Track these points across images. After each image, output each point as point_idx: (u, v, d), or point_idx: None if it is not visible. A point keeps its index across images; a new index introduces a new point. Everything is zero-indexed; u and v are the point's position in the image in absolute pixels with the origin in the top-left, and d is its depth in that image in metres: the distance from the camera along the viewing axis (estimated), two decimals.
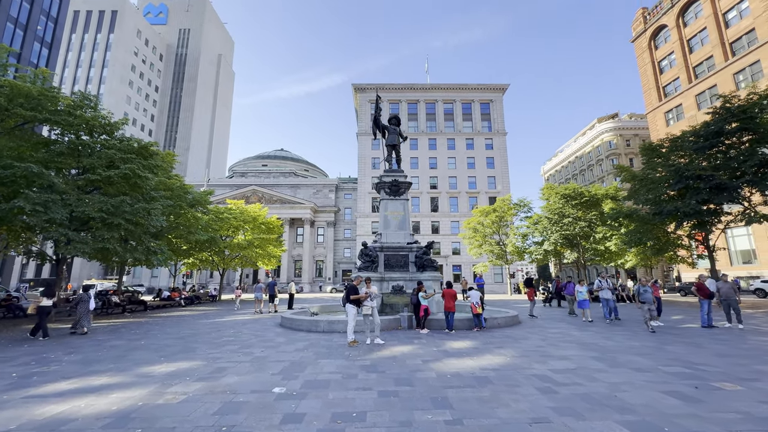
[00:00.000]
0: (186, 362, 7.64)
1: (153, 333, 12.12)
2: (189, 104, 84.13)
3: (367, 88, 65.88)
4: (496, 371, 6.60)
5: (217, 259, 32.59)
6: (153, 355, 8.38)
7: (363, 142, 64.24)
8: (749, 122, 17.64)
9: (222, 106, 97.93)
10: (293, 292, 21.61)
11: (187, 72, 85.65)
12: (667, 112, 44.37)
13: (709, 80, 38.99)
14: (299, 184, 66.27)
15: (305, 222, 62.42)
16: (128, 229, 15.66)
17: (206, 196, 26.88)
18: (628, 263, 29.45)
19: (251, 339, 10.55)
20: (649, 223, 23.39)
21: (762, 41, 33.96)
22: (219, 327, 13.46)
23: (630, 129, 65.79)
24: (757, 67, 34.43)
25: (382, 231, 16.86)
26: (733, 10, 37.27)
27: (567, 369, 6.70)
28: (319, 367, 7.02)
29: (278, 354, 8.36)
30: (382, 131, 18.78)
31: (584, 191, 32.25)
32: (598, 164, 68.73)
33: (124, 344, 9.97)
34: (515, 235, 36.43)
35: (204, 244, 28.89)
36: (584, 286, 13.99)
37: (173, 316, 18.31)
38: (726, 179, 17.86)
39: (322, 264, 64.69)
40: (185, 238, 25.22)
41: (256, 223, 33.71)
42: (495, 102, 66.67)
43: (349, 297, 9.70)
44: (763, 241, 33.01)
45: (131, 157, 16.39)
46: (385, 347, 9.07)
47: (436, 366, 7.05)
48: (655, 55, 46.62)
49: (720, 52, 38.03)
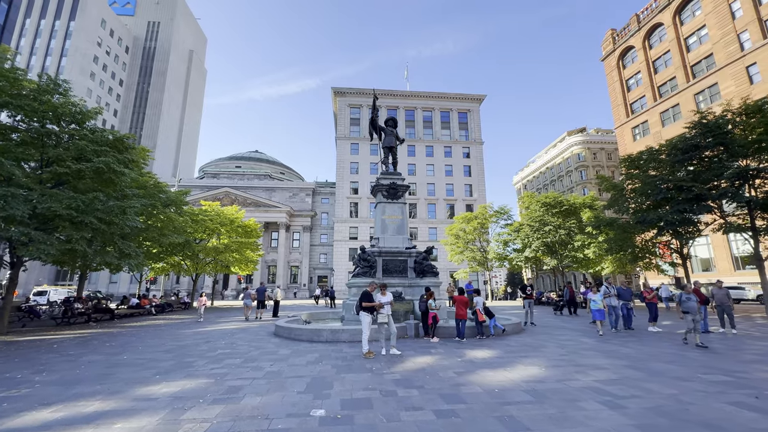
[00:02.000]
0: (188, 380, 6.65)
1: (132, 345, 10.78)
2: (157, 100, 79.73)
3: (347, 92, 65.39)
4: (542, 383, 6.18)
5: (189, 263, 30.54)
6: (144, 373, 7.29)
7: (342, 146, 63.48)
8: (724, 137, 18.72)
9: (192, 104, 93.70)
10: (279, 299, 20.45)
11: (155, 67, 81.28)
12: (634, 128, 47.01)
13: (672, 99, 41.71)
14: (275, 187, 64.25)
15: (280, 226, 60.48)
16: (100, 229, 14.06)
17: (182, 196, 25.10)
18: (605, 270, 30.52)
19: (252, 351, 9.57)
20: (628, 232, 24.37)
21: (719, 65, 36.76)
22: (207, 338, 12.25)
23: (597, 143, 69.32)
24: (715, 89, 37.21)
25: (380, 235, 16.26)
26: (693, 35, 40.23)
27: (611, 380, 6.40)
28: (347, 383, 6.31)
29: (291, 368, 7.53)
30: (378, 133, 18.25)
31: (563, 200, 33.26)
32: (568, 175, 71.75)
33: (103, 360, 8.70)
34: (497, 242, 36.90)
35: (177, 247, 27.03)
36: (598, 294, 12.30)
37: (147, 325, 16.66)
38: (705, 190, 18.81)
39: (297, 270, 62.80)
40: (158, 240, 23.34)
41: (233, 226, 32.02)
42: (472, 112, 68.15)
43: (362, 304, 9.02)
44: (720, 251, 35.36)
45: (105, 150, 14.84)
46: (404, 358, 8.45)
47: (473, 379, 6.54)
48: (623, 74, 49.43)
49: (682, 73, 40.84)
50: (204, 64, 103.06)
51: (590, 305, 12.39)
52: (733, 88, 35.11)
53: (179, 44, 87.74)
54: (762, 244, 19.71)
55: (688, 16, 40.96)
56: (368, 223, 60.12)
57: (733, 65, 35.44)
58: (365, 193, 61.56)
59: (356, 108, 65.61)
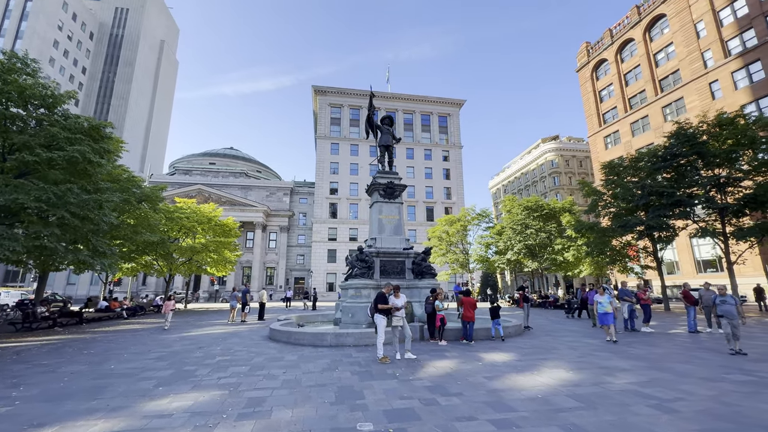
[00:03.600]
0: (198, 392, 5.97)
1: (114, 353, 9.76)
2: (123, 91, 75.22)
3: (327, 91, 64.44)
4: (579, 387, 6.01)
5: (162, 263, 28.74)
6: (142, 384, 6.50)
7: (322, 145, 62.42)
8: (700, 147, 19.79)
9: (162, 97, 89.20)
10: (264, 301, 19.51)
11: (122, 56, 76.69)
12: (606, 137, 49.24)
13: (641, 111, 44.03)
14: (251, 186, 62.20)
15: (257, 226, 58.56)
16: (72, 224, 12.77)
17: (158, 192, 23.60)
18: (583, 272, 31.56)
19: (255, 358, 8.87)
20: (607, 236, 25.30)
21: (685, 81, 39.18)
22: (197, 343, 11.34)
23: (569, 150, 72.19)
24: (681, 102, 39.61)
25: (377, 235, 15.84)
26: (662, 51, 42.69)
27: (643, 382, 6.33)
28: (378, 392, 5.86)
29: (308, 376, 6.97)
30: (374, 131, 17.85)
31: (544, 204, 34.17)
32: (542, 181, 74.20)
33: (88, 370, 7.75)
34: (479, 244, 37.35)
35: (150, 246, 25.36)
36: (605, 296, 11.14)
37: (123, 330, 15.32)
38: (684, 196, 19.79)
39: (274, 271, 61.02)
40: (130, 238, 21.75)
41: (211, 224, 30.48)
42: (452, 116, 69.08)
43: (378, 306, 8.59)
44: (684, 254, 37.56)
45: (80, 138, 13.55)
46: (422, 363, 8.09)
47: (507, 384, 6.28)
48: (596, 86, 51.71)
49: (651, 87, 43.21)
50: (175, 55, 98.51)
51: (596, 308, 11.39)
52: (697, 102, 37.49)
53: (149, 33, 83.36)
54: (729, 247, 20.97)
55: (657, 34, 43.46)
56: (348, 225, 59.44)
57: (697, 81, 37.85)
58: (345, 193, 60.86)
59: (337, 108, 64.77)
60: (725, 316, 8.92)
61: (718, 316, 9.14)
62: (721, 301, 9.12)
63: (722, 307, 9.02)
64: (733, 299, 9.06)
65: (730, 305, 8.91)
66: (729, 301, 9.00)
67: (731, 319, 8.77)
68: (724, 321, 8.95)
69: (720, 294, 9.30)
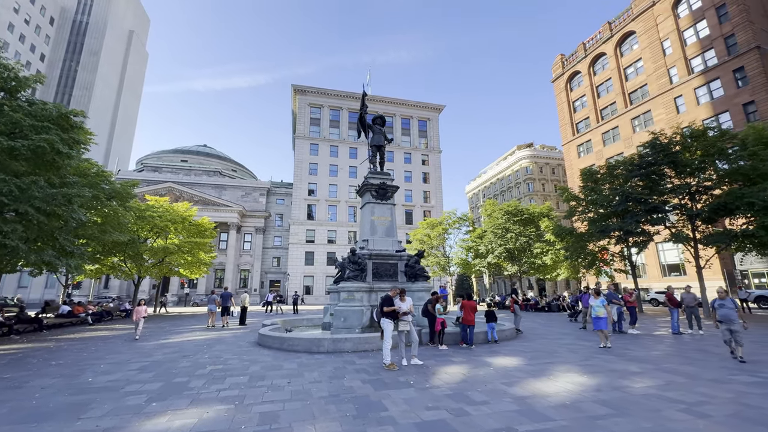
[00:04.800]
0: (200, 408, 5.37)
1: (88, 364, 8.80)
2: (87, 81, 70.70)
3: (307, 91, 63.35)
4: (601, 392, 5.90)
5: (131, 265, 26.95)
6: (131, 400, 5.79)
7: (301, 146, 61.19)
8: (675, 156, 20.83)
9: (130, 89, 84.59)
10: (246, 305, 18.58)
11: (87, 44, 72.10)
12: (579, 146, 51.25)
13: (612, 122, 46.17)
14: (225, 185, 59.99)
15: (231, 227, 56.46)
16: (38, 221, 11.55)
17: (129, 189, 22.08)
18: (561, 276, 32.49)
19: (251, 366, 8.24)
20: (585, 240, 26.17)
21: (652, 95, 41.47)
22: (180, 351, 10.48)
23: (543, 158, 74.72)
24: (649, 115, 41.87)
25: (369, 237, 15.44)
26: (631, 66, 45.03)
27: (661, 385, 6.32)
28: (399, 403, 5.50)
29: (316, 386, 6.49)
30: (366, 131, 17.50)
31: (524, 209, 34.97)
32: (516, 186, 76.30)
33: (62, 384, 6.88)
34: (461, 248, 37.68)
35: (119, 246, 23.70)
36: (600, 299, 10.48)
37: (90, 338, 14.04)
38: (660, 203, 20.74)
39: (248, 273, 58.96)
40: (97, 238, 20.17)
41: (185, 224, 28.93)
42: (432, 120, 69.73)
43: (384, 310, 8.23)
44: (651, 259, 39.52)
45: (47, 126, 12.33)
46: (431, 369, 7.80)
47: (527, 390, 6.08)
48: (570, 96, 53.81)
49: (621, 100, 45.44)
50: (145, 47, 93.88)
51: (590, 312, 10.88)
52: (663, 115, 39.76)
53: (117, 22, 78.97)
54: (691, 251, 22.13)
55: (627, 49, 45.83)
56: (326, 227, 58.51)
57: (663, 95, 40.16)
58: (324, 195, 59.91)
59: (317, 108, 63.77)
60: (724, 321, 8.34)
61: (719, 321, 8.51)
62: (720, 305, 8.51)
63: (721, 311, 8.41)
64: (732, 302, 8.46)
65: (729, 309, 8.32)
66: (728, 305, 8.39)
67: (730, 324, 8.21)
68: (723, 327, 8.36)
69: (719, 297, 8.63)
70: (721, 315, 8.40)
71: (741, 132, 21.44)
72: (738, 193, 17.94)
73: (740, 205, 17.89)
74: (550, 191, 72.27)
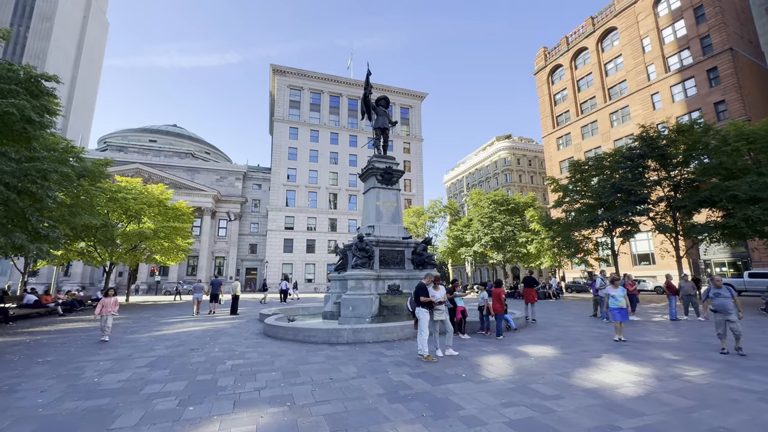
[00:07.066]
0: (248, 411, 4.69)
1: (83, 360, 7.75)
2: (39, 50, 64.09)
3: (287, 72, 60.71)
4: (664, 382, 5.76)
5: (102, 250, 24.87)
6: (160, 404, 5.00)
7: (280, 129, 58.83)
8: (663, 150, 21.52)
9: (89, 62, 77.62)
10: (238, 294, 17.55)
11: (38, 7, 65.06)
12: (559, 138, 52.53)
13: (591, 116, 47.51)
14: (198, 168, 56.83)
15: (205, 212, 53.77)
16: (8, 199, 10.06)
17: (102, 167, 20.15)
18: (544, 264, 33.36)
19: (275, 360, 7.53)
20: (571, 229, 26.87)
21: (630, 91, 42.88)
22: (182, 343, 9.55)
23: (521, 149, 76.23)
24: (626, 110, 43.35)
25: (374, 223, 14.84)
26: (612, 62, 46.26)
27: (713, 373, 6.28)
28: (468, 399, 5.07)
29: (364, 382, 5.95)
30: (369, 112, 16.69)
31: (510, 199, 35.43)
32: (495, 177, 77.60)
33: (63, 386, 5.92)
34: (447, 236, 37.80)
35: (88, 230, 21.76)
36: (620, 289, 9.79)
37: (67, 330, 12.66)
38: (646, 195, 21.44)
39: (223, 261, 56.68)
40: (66, 221, 18.30)
41: (161, 207, 26.98)
42: (414, 108, 69.09)
43: (419, 299, 7.75)
44: (623, 248, 41.42)
45: (15, 90, 10.71)
46: (470, 360, 7.46)
47: (590, 381, 5.84)
48: (552, 89, 54.77)
49: (601, 94, 46.73)
50: (105, 15, 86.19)
51: (609, 302, 9.86)
52: (640, 111, 41.28)
53: None
54: (664, 242, 23.24)
55: (609, 45, 46.97)
56: (306, 213, 57.10)
57: (641, 92, 41.62)
58: (303, 181, 58.25)
59: (297, 90, 61.35)
60: (719, 310, 7.72)
61: (713, 310, 7.90)
62: (716, 294, 7.83)
63: (717, 301, 7.76)
64: (728, 291, 7.80)
65: (726, 298, 7.68)
66: (724, 294, 7.72)
67: (726, 314, 7.62)
68: (719, 317, 7.73)
69: (715, 286, 7.90)
70: (717, 304, 7.77)
71: (723, 128, 22.44)
72: (722, 187, 18.76)
73: (724, 198, 18.74)
74: (527, 182, 74.07)
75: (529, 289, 13.75)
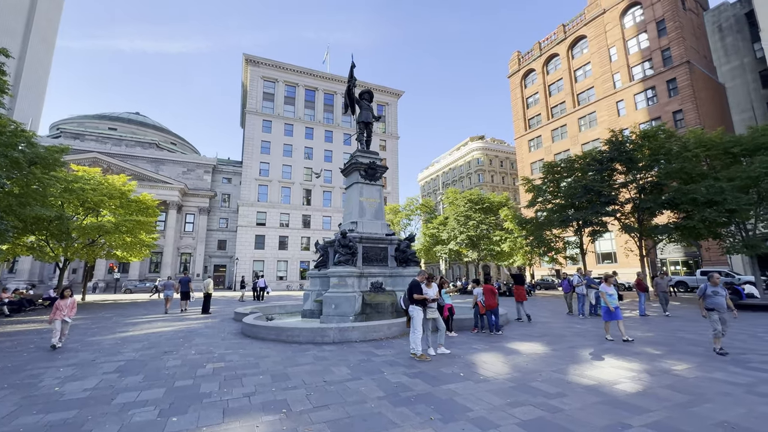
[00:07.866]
0: (241, 420, 4.28)
1: (38, 367, 6.91)
2: None
3: (261, 63, 58.66)
4: (657, 377, 5.89)
5: (55, 245, 22.89)
6: (138, 415, 4.47)
7: (252, 121, 56.87)
8: (631, 154, 22.61)
9: (40, 40, 71.21)
10: (210, 291, 16.61)
11: None
12: (530, 140, 54.21)
13: (561, 120, 49.35)
14: (164, 159, 53.82)
15: (171, 206, 51.06)
16: None
17: (56, 154, 18.48)
18: (516, 262, 34.31)
19: (259, 363, 7.06)
20: (544, 229, 27.78)
21: (598, 98, 44.92)
22: (153, 345, 8.81)
23: (493, 150, 78.14)
24: (594, 116, 45.38)
25: (358, 219, 14.49)
26: (581, 69, 48.23)
27: (697, 367, 6.52)
28: (473, 400, 4.91)
29: (360, 384, 5.65)
30: (353, 105, 16.27)
31: (485, 198, 36.12)
32: (468, 177, 79.10)
33: (17, 397, 5.19)
34: (424, 234, 38.00)
35: (40, 222, 19.98)
36: (611, 287, 9.38)
37: (15, 333, 11.40)
38: (615, 196, 22.47)
39: (190, 257, 54.12)
40: (14, 212, 16.64)
41: (124, 200, 25.17)
42: (390, 105, 68.92)
43: (413, 297, 7.54)
44: (587, 247, 43.47)
45: None
46: (464, 358, 7.35)
47: (587, 377, 5.87)
48: (524, 93, 56.40)
49: (570, 100, 48.64)
50: None
51: (607, 300, 9.18)
52: (606, 117, 43.35)
53: None
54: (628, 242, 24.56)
55: (578, 53, 48.92)
56: (279, 209, 55.60)
57: (607, 99, 43.70)
58: (277, 176, 56.66)
59: (270, 82, 59.47)
60: (716, 309, 7.45)
61: (708, 309, 7.57)
62: (713, 292, 7.53)
63: (714, 300, 7.50)
64: (724, 290, 7.62)
65: (722, 297, 7.47)
66: (721, 293, 7.50)
67: (723, 312, 7.43)
68: (715, 316, 7.42)
69: (712, 284, 7.57)
70: (713, 303, 7.50)
71: (683, 135, 23.89)
72: (684, 190, 19.95)
73: (684, 200, 19.94)
74: (498, 182, 76.05)
75: (519, 286, 13.80)
